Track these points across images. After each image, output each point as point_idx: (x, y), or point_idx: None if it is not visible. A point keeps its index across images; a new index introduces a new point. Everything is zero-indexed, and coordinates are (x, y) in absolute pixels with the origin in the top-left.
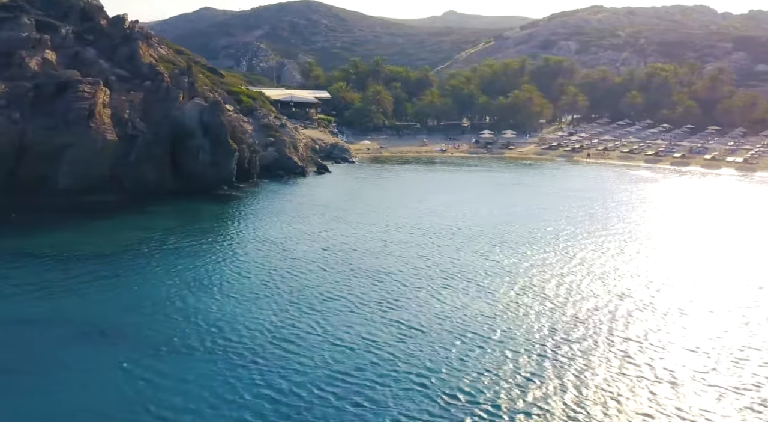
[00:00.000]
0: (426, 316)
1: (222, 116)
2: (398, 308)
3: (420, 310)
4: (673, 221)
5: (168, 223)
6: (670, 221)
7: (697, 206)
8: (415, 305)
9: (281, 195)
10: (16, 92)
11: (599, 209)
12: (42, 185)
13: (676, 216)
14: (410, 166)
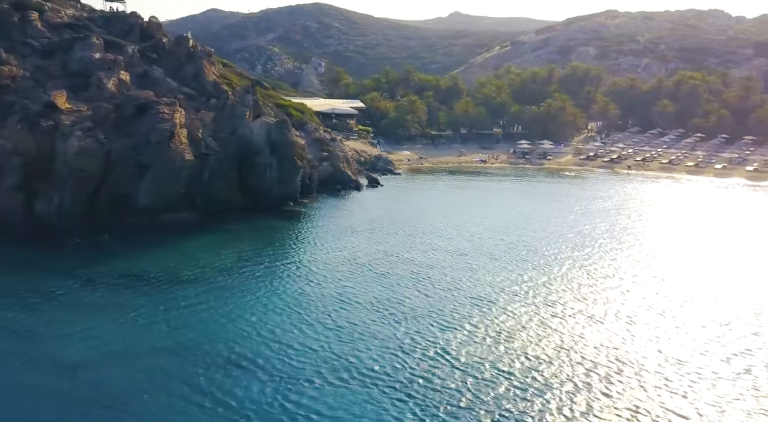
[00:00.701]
0: (545, 347)
1: (289, 134)
2: (512, 339)
3: (532, 338)
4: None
5: (249, 242)
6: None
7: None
8: (529, 334)
9: (345, 211)
10: (99, 114)
11: (710, 239)
12: (123, 203)
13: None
14: (456, 177)
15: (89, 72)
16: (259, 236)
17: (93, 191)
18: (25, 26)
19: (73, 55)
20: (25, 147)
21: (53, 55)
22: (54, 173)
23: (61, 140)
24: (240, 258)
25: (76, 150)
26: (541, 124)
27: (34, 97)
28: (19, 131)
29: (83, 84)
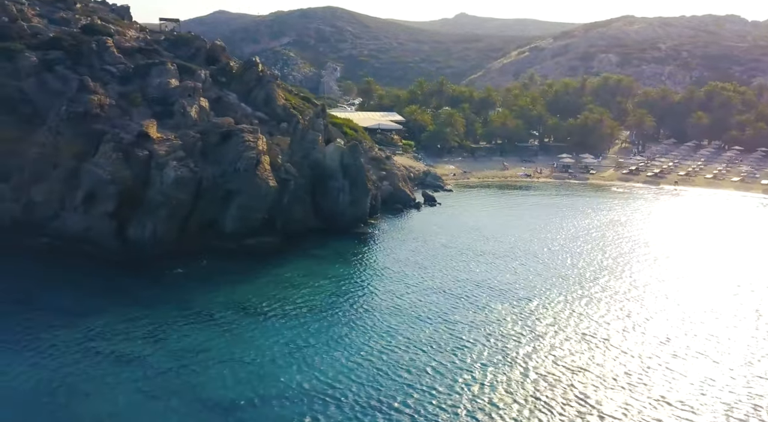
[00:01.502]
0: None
1: (360, 158)
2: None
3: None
4: None
5: (337, 268)
6: None
7: None
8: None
9: (416, 233)
10: (187, 142)
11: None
12: (210, 229)
13: None
14: (507, 194)
15: (169, 99)
16: (344, 261)
17: (184, 217)
18: (103, 53)
19: (151, 81)
20: (121, 176)
21: (131, 81)
22: (146, 200)
23: (156, 170)
24: (335, 286)
25: (173, 180)
26: (578, 136)
27: (123, 125)
28: (115, 161)
29: (166, 111)
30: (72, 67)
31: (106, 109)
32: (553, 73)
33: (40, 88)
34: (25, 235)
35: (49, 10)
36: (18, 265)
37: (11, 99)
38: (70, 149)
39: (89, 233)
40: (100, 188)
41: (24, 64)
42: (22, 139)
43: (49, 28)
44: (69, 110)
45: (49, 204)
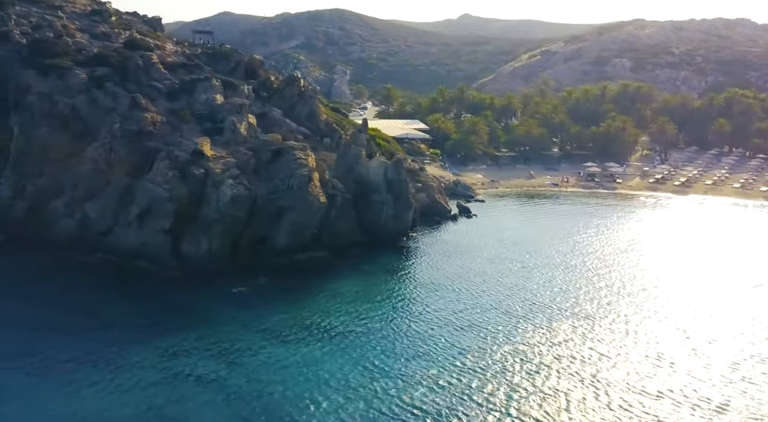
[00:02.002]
0: None
1: (404, 172)
2: None
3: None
4: None
5: (389, 285)
6: None
7: None
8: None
9: (459, 247)
10: (240, 160)
11: None
12: (262, 244)
13: None
14: (537, 204)
15: (217, 115)
16: (394, 277)
17: (238, 234)
18: (149, 69)
19: (197, 97)
20: (178, 194)
21: (177, 97)
22: (200, 217)
23: (212, 187)
24: (391, 304)
25: (230, 198)
26: (601, 144)
27: (176, 142)
28: (171, 178)
29: (216, 128)
30: (120, 84)
31: (158, 126)
32: (565, 78)
33: (91, 105)
34: (80, 251)
35: (88, 24)
36: (79, 281)
37: (63, 116)
38: (123, 165)
39: (144, 248)
40: (156, 205)
41: (74, 82)
42: (74, 155)
43: (92, 44)
44: (123, 127)
45: (103, 220)
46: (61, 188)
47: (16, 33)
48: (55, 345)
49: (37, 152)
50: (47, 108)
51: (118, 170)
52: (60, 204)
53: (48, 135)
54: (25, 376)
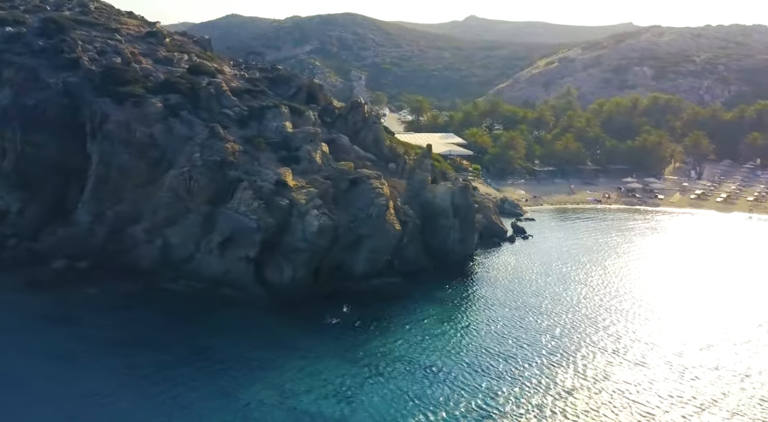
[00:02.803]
0: None
1: (471, 198)
2: None
3: None
4: None
5: (474, 315)
6: None
7: None
8: None
9: (527, 273)
10: (320, 188)
11: None
12: (339, 271)
13: None
14: (589, 222)
15: (291, 143)
16: (474, 306)
17: (319, 261)
18: (220, 96)
19: (268, 124)
20: (266, 224)
21: (248, 124)
22: (284, 245)
23: (298, 218)
24: (480, 337)
25: (317, 229)
26: (637, 158)
27: (255, 171)
28: (257, 209)
29: (291, 157)
30: (193, 112)
31: (237, 155)
32: (586, 86)
33: (167, 133)
34: (163, 277)
35: (147, 48)
36: (168, 310)
37: (141, 143)
38: (203, 194)
39: (228, 276)
40: (242, 234)
41: (151, 110)
42: (151, 181)
43: (157, 69)
44: (203, 157)
45: (184, 246)
46: (139, 214)
47: (85, 60)
48: (160, 375)
49: (116, 179)
50: (125, 136)
51: (198, 198)
52: (139, 230)
53: (127, 162)
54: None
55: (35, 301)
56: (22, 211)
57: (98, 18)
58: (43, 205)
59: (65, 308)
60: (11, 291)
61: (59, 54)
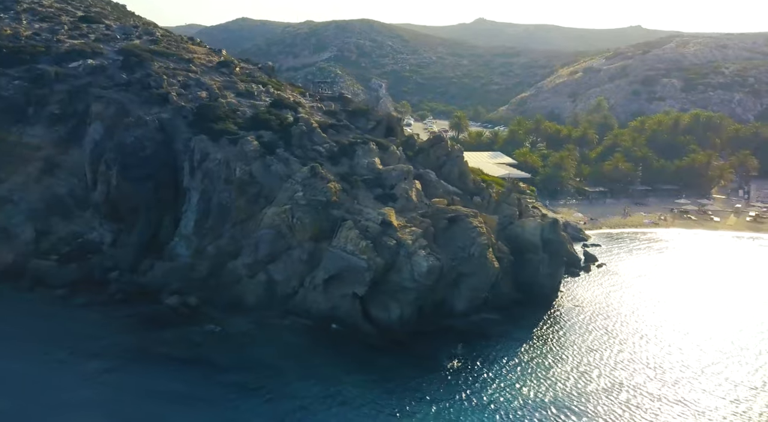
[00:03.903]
0: None
1: (560, 232)
2: None
3: None
4: None
5: (579, 356)
6: None
7: None
8: None
9: (616, 306)
10: (421, 227)
11: None
12: (440, 308)
13: None
14: (652, 246)
15: (385, 181)
16: (574, 344)
17: (425, 300)
18: (311, 134)
19: (359, 161)
20: (375, 263)
21: (339, 161)
22: (390, 284)
23: (405, 258)
24: (591, 376)
25: (426, 269)
26: (685, 177)
27: (356, 210)
28: (365, 248)
29: (387, 195)
30: (288, 149)
31: (338, 194)
32: (614, 97)
33: (265, 170)
34: (272, 313)
35: (225, 80)
36: (288, 349)
37: (240, 181)
38: (306, 231)
39: (335, 312)
40: (350, 272)
41: (248, 148)
42: (250, 217)
43: (241, 103)
44: (307, 196)
45: (288, 282)
46: (239, 249)
47: (174, 95)
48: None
49: (217, 215)
50: (226, 174)
51: (300, 235)
52: (240, 265)
53: (227, 199)
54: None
55: (159, 339)
56: (114, 242)
57: (169, 47)
58: (139, 238)
59: (190, 348)
60: (133, 330)
61: (147, 89)
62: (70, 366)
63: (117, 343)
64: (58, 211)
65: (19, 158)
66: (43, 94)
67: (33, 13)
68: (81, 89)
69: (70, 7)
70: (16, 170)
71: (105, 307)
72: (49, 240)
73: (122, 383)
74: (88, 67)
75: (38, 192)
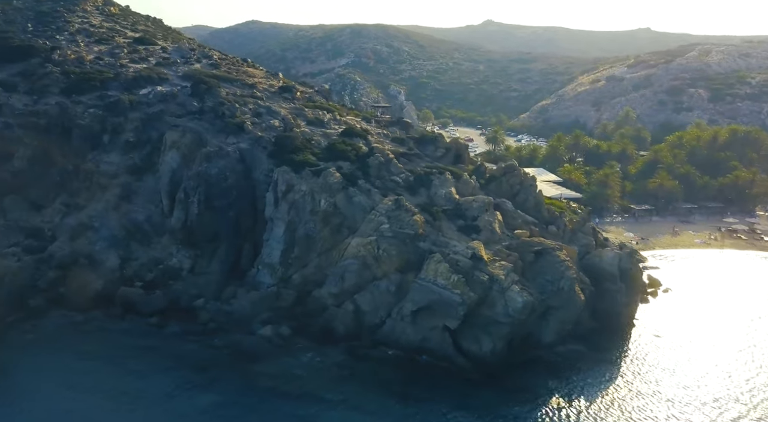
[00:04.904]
0: None
1: (637, 262)
2: None
3: None
4: None
5: (677, 387)
6: None
7: None
8: None
9: (687, 332)
10: (511, 261)
11: None
12: (527, 340)
13: None
14: (714, 267)
15: (466, 212)
16: (668, 376)
17: (515, 333)
18: (388, 164)
19: (436, 191)
20: (468, 297)
21: (417, 191)
22: (482, 318)
23: (498, 293)
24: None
25: (521, 305)
26: (730, 195)
27: (442, 243)
28: (457, 283)
29: (470, 226)
30: (367, 180)
31: (424, 228)
32: (640, 107)
33: (348, 202)
34: (362, 343)
35: (292, 108)
36: (387, 381)
37: (325, 212)
38: (392, 263)
39: (426, 344)
40: (441, 305)
41: (331, 181)
42: (334, 246)
43: (313, 131)
44: (393, 228)
45: (375, 313)
46: (323, 278)
47: (249, 124)
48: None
49: (303, 245)
50: (311, 205)
51: (386, 267)
52: (325, 294)
53: (312, 230)
54: None
55: (262, 372)
56: (192, 269)
57: (230, 72)
58: (221, 265)
59: (294, 381)
60: (235, 362)
61: (220, 117)
62: (183, 400)
63: (223, 376)
64: (137, 237)
65: (96, 184)
66: (119, 123)
67: (87, 34)
68: (154, 117)
69: (118, 26)
70: (93, 197)
71: (200, 337)
72: (132, 267)
73: (243, 419)
74: (158, 94)
75: (117, 219)
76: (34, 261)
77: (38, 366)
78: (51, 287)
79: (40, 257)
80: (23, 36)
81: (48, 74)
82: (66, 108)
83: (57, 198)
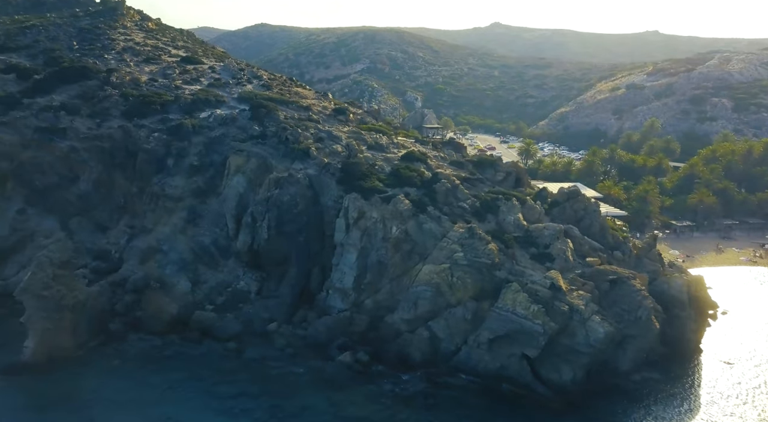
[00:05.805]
0: None
1: (706, 289)
2: None
3: None
4: None
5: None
6: None
7: None
8: None
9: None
10: (587, 290)
11: None
12: (604, 368)
13: None
14: (761, 284)
15: (537, 240)
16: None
17: (595, 362)
18: (455, 190)
19: (504, 217)
20: (549, 327)
21: (484, 217)
22: (561, 347)
23: (579, 323)
24: None
25: (603, 336)
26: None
27: (518, 272)
28: (537, 313)
29: (543, 255)
30: (435, 206)
31: (499, 256)
32: (663, 116)
33: (418, 228)
34: (439, 370)
35: (351, 132)
36: (473, 411)
37: (397, 239)
38: (467, 290)
39: (504, 372)
40: (521, 334)
41: (402, 208)
42: (405, 272)
43: (375, 156)
44: (468, 257)
45: (451, 339)
46: (395, 304)
47: (314, 149)
48: None
49: (375, 271)
50: (382, 232)
51: (461, 294)
52: (397, 319)
53: (384, 257)
54: None
55: (349, 400)
56: (259, 292)
57: (282, 93)
58: (292, 289)
59: (384, 412)
60: (319, 389)
61: (285, 142)
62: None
63: (312, 404)
64: (204, 260)
65: (162, 208)
66: (183, 147)
67: (133, 53)
68: (216, 141)
69: (160, 44)
70: (160, 220)
71: (279, 362)
72: (202, 290)
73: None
74: (218, 117)
75: (185, 242)
76: (109, 285)
77: (130, 392)
78: (128, 311)
79: (113, 281)
80: (72, 55)
81: (108, 97)
82: (129, 132)
83: (121, 220)
